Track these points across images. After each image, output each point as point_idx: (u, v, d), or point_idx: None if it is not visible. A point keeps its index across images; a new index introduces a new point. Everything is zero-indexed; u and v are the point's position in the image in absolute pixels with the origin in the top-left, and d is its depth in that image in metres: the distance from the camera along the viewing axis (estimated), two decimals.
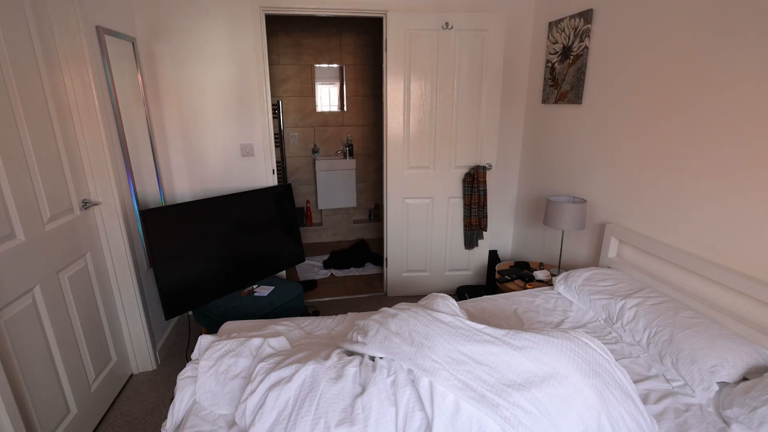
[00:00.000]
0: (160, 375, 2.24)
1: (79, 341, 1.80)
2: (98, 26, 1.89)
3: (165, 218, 2.06)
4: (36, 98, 1.58)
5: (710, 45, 1.65)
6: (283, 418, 1.15)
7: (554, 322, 1.85)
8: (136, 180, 2.19)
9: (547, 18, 2.70)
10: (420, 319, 1.35)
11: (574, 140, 2.51)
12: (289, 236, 2.68)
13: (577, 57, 2.40)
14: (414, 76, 2.71)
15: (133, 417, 1.94)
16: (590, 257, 2.44)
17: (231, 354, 1.40)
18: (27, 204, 1.50)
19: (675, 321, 1.59)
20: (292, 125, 4.30)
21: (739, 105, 1.56)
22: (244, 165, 2.76)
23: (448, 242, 3.08)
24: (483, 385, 1.15)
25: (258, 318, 2.20)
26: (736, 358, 1.39)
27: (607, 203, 2.27)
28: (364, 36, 4.17)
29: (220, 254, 2.30)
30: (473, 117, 2.82)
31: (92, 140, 1.88)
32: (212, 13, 2.47)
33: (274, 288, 2.46)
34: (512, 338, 1.25)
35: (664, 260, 1.91)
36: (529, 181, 3.04)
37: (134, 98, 2.24)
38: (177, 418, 1.33)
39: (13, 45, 1.47)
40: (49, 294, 1.61)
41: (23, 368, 1.45)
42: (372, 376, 1.24)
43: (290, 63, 4.11)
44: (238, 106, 2.65)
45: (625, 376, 1.22)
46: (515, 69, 2.94)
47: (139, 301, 2.15)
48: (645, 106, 1.98)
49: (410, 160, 2.87)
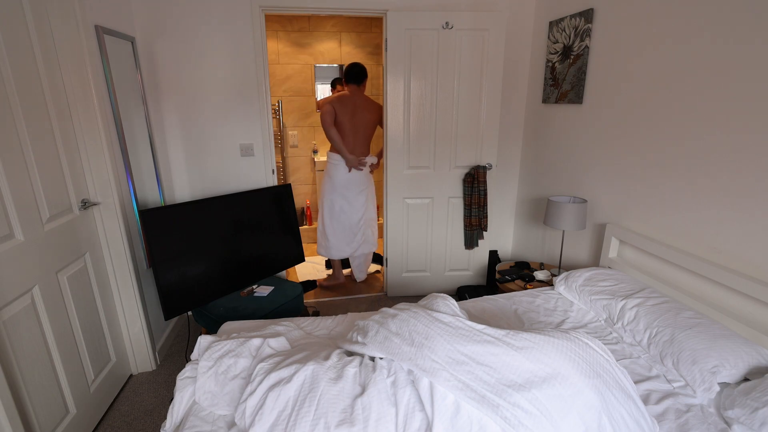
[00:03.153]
0: (159, 375, 2.23)
1: (79, 342, 1.79)
2: (97, 25, 1.89)
3: (164, 218, 2.06)
4: (35, 97, 1.58)
5: (711, 44, 1.65)
6: (283, 419, 1.15)
7: (555, 322, 1.85)
8: (135, 180, 2.19)
9: (547, 17, 2.69)
10: (420, 319, 1.35)
11: (575, 140, 2.50)
12: (289, 236, 2.68)
13: (578, 57, 2.39)
14: (414, 75, 2.70)
15: (132, 417, 1.94)
16: (591, 257, 2.44)
17: (230, 354, 1.40)
18: (26, 204, 1.50)
19: (676, 321, 1.59)
20: (292, 125, 4.29)
21: (742, 104, 1.55)
22: (244, 165, 2.76)
23: (448, 242, 3.08)
24: (483, 386, 1.14)
25: (258, 318, 2.20)
26: (737, 359, 1.39)
27: (608, 203, 2.27)
28: (364, 35, 4.16)
29: (220, 254, 2.29)
30: (473, 117, 2.81)
31: (91, 140, 1.88)
32: (212, 12, 2.46)
33: (274, 288, 2.45)
34: (512, 338, 1.24)
35: (664, 260, 1.91)
36: (530, 181, 3.04)
37: (134, 98, 2.23)
38: (176, 419, 1.32)
39: (12, 44, 1.46)
40: (48, 294, 1.60)
41: (22, 369, 1.44)
42: (372, 377, 1.24)
43: (290, 63, 4.11)
44: (237, 106, 2.65)
45: (626, 376, 1.22)
46: (515, 69, 2.93)
47: (138, 302, 2.14)
48: (646, 106, 1.98)
49: (410, 159, 2.86)
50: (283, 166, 4.32)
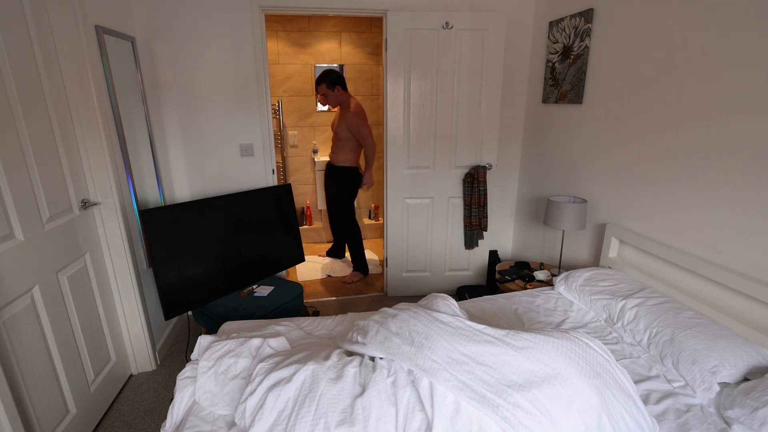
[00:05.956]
0: (159, 375, 2.23)
1: (79, 341, 1.79)
2: (97, 25, 1.89)
3: (164, 218, 2.06)
4: (35, 97, 1.58)
5: (712, 44, 1.65)
6: (283, 419, 1.15)
7: (555, 322, 1.85)
8: (135, 180, 2.19)
9: (547, 17, 2.69)
10: (420, 319, 1.35)
11: (575, 140, 2.50)
12: (289, 236, 2.68)
13: (578, 56, 2.39)
14: (414, 75, 2.70)
15: (132, 417, 1.94)
16: (591, 257, 2.44)
17: (230, 354, 1.40)
18: (26, 204, 1.50)
19: (676, 321, 1.59)
20: (292, 125, 4.29)
21: (742, 104, 1.55)
22: (244, 165, 2.76)
23: (448, 242, 3.08)
24: (483, 386, 1.14)
25: (258, 318, 2.20)
26: (737, 359, 1.39)
27: (608, 203, 2.27)
28: (364, 35, 4.16)
29: (220, 254, 2.29)
30: (473, 117, 2.81)
31: (91, 140, 1.88)
32: (212, 12, 2.46)
33: (274, 288, 2.45)
34: (512, 338, 1.24)
35: (664, 260, 1.91)
36: (530, 181, 3.04)
37: (134, 98, 2.23)
38: (176, 419, 1.32)
39: (12, 44, 1.46)
40: (49, 294, 1.60)
41: (22, 368, 1.44)
42: (372, 377, 1.24)
43: (290, 63, 4.10)
44: (237, 106, 2.65)
45: (626, 376, 1.22)
46: (515, 69, 2.93)
47: (138, 302, 2.14)
48: (646, 106, 1.98)
49: (410, 159, 2.86)
50: (283, 166, 4.32)
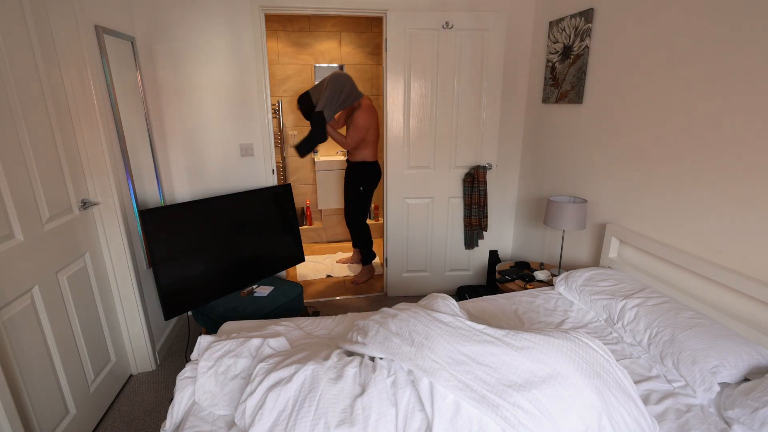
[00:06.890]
0: (159, 375, 2.23)
1: (78, 342, 1.79)
2: (97, 25, 1.89)
3: (164, 218, 2.06)
4: (35, 98, 1.58)
5: (712, 45, 1.65)
6: (283, 419, 1.15)
7: (555, 322, 1.85)
8: (135, 180, 2.19)
9: (547, 17, 2.69)
10: (420, 319, 1.34)
11: (575, 140, 2.50)
12: (289, 236, 2.68)
13: (578, 56, 2.39)
14: (414, 75, 2.70)
15: (132, 418, 1.94)
16: (591, 257, 2.44)
17: (230, 354, 1.40)
18: (26, 204, 1.50)
19: (676, 321, 1.59)
20: (292, 125, 4.29)
21: (742, 104, 1.55)
22: (244, 165, 2.76)
23: (448, 242, 3.08)
24: (483, 386, 1.14)
25: (258, 318, 2.20)
26: (737, 359, 1.39)
27: (608, 203, 2.26)
28: (364, 35, 4.16)
29: (220, 254, 2.29)
30: (473, 117, 2.81)
31: (91, 140, 1.88)
32: (211, 12, 2.46)
33: (274, 288, 2.45)
34: (512, 338, 1.24)
35: (664, 260, 1.90)
36: (530, 181, 3.04)
37: (133, 98, 2.23)
38: (176, 419, 1.32)
39: (12, 44, 1.46)
40: (48, 294, 1.60)
41: (22, 369, 1.44)
42: (372, 377, 1.24)
43: (290, 63, 4.10)
44: (237, 106, 2.65)
45: (626, 376, 1.21)
46: (515, 69, 2.93)
47: (138, 302, 2.14)
48: (646, 106, 1.98)
49: (410, 159, 2.86)
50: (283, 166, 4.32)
